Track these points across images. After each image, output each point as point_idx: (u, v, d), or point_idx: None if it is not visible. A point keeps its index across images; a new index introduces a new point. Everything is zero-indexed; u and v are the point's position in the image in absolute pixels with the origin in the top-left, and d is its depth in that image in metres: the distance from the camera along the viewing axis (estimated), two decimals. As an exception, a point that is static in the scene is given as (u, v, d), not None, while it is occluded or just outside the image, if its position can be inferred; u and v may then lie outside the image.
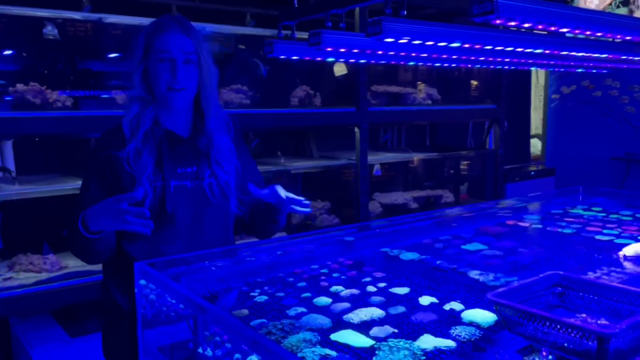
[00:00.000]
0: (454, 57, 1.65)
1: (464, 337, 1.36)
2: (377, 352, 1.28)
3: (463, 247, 2.15)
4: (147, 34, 1.55)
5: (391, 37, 1.21)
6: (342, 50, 1.51)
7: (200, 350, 1.49)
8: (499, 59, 1.84)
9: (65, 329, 2.82)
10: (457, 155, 4.98)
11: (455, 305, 1.55)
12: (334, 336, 1.37)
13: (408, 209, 4.30)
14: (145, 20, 3.11)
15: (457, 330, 1.39)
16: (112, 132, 1.57)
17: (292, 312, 1.53)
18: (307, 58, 1.72)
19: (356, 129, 3.77)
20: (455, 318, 1.48)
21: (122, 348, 1.65)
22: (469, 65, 2.00)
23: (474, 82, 5.03)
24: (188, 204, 1.57)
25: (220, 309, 1.38)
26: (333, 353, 1.28)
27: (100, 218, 1.44)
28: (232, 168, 1.65)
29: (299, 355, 1.26)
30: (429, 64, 1.91)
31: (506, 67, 2.11)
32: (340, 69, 3.89)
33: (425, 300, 1.60)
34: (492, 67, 2.04)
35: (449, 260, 1.98)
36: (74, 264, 2.94)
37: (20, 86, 2.71)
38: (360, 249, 2.18)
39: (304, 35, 1.64)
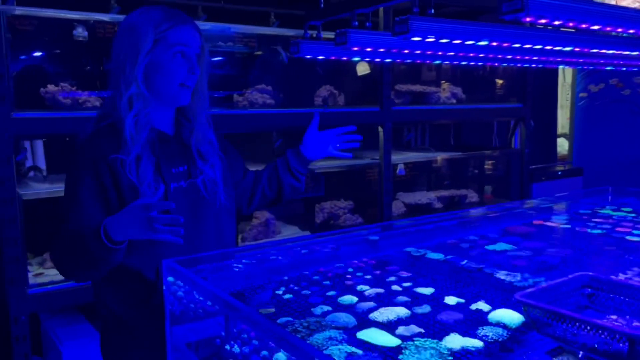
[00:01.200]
0: (481, 55, 1.64)
1: (491, 338, 1.35)
2: (403, 351, 1.28)
3: (489, 247, 2.13)
4: (156, 25, 1.40)
5: (418, 36, 1.21)
6: (369, 49, 1.51)
7: (227, 347, 1.51)
8: (527, 57, 1.82)
9: (93, 324, 2.88)
10: (482, 154, 4.93)
11: (482, 306, 1.54)
12: (360, 335, 1.38)
13: (432, 209, 4.27)
14: (172, 22, 3.17)
15: (484, 331, 1.38)
16: (101, 133, 1.42)
17: (317, 310, 1.54)
18: (334, 58, 1.73)
19: (380, 129, 3.77)
20: (482, 318, 1.47)
21: (120, 351, 1.57)
22: (497, 64, 1.98)
23: (499, 81, 4.98)
24: (185, 203, 1.49)
25: (248, 307, 1.39)
26: (359, 351, 1.29)
27: (126, 227, 1.32)
28: (217, 161, 1.58)
29: (326, 352, 1.27)
30: (455, 62, 1.90)
31: (533, 66, 2.08)
32: (363, 69, 3.88)
33: (451, 300, 1.60)
34: (519, 65, 2.02)
35: (475, 260, 1.97)
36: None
37: (51, 87, 2.77)
38: (385, 249, 2.18)
39: (330, 35, 1.65)
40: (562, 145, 6.51)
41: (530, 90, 4.71)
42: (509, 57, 1.78)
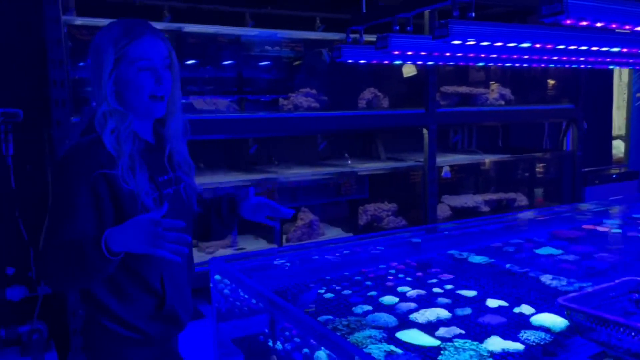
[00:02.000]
0: (526, 57, 1.62)
1: (533, 341, 1.34)
2: (442, 352, 1.29)
3: (535, 251, 2.10)
4: (115, 42, 1.38)
5: (458, 39, 1.21)
6: (410, 53, 1.52)
7: (270, 343, 1.56)
8: (574, 58, 1.78)
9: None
10: (532, 157, 4.81)
11: (525, 309, 1.53)
12: (400, 334, 1.40)
13: (479, 213, 4.20)
14: (222, 29, 3.27)
15: (527, 334, 1.37)
16: (89, 147, 1.39)
17: (358, 309, 1.56)
18: (375, 61, 1.75)
19: (424, 131, 3.75)
20: (524, 322, 1.46)
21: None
22: (542, 65, 1.95)
23: (551, 82, 4.85)
24: (173, 210, 1.45)
25: (290, 305, 1.43)
26: (398, 350, 1.31)
27: (128, 239, 1.28)
28: (192, 171, 1.60)
29: (365, 351, 1.29)
30: (499, 64, 1.88)
31: (582, 66, 2.04)
32: (409, 71, 3.87)
33: (494, 303, 1.59)
34: (566, 66, 1.98)
35: (520, 264, 1.94)
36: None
37: (107, 93, 2.91)
38: (427, 251, 2.18)
39: (372, 38, 1.67)
40: (618, 148, 6.26)
41: (583, 90, 4.56)
42: (555, 58, 1.75)
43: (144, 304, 1.46)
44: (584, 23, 1.02)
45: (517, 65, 1.90)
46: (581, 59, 1.80)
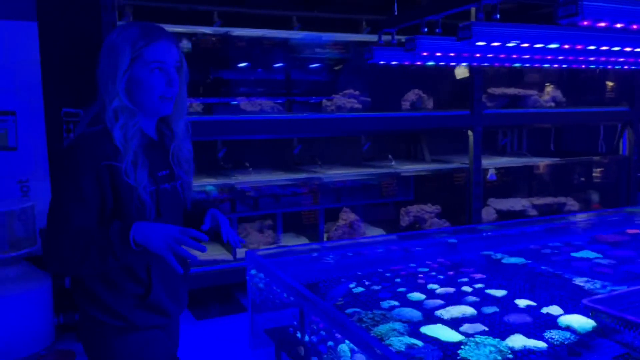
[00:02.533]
0: (560, 57, 1.61)
1: (557, 341, 1.34)
2: (462, 346, 1.31)
3: (573, 254, 2.07)
4: (133, 43, 1.46)
5: (482, 41, 1.24)
6: (438, 54, 1.55)
7: (298, 335, 1.62)
8: (612, 59, 1.75)
9: (191, 311, 3.13)
10: (584, 160, 4.67)
11: (554, 310, 1.52)
12: (424, 329, 1.43)
13: (526, 217, 4.13)
14: (268, 32, 3.37)
15: (551, 334, 1.37)
16: (97, 138, 1.45)
17: (385, 304, 1.60)
18: (407, 63, 1.78)
19: (470, 132, 3.72)
20: (551, 322, 1.46)
21: (107, 349, 1.54)
22: (574, 66, 1.93)
23: (610, 84, 4.69)
24: (170, 205, 1.55)
25: (318, 298, 1.48)
26: (420, 343, 1.34)
27: (151, 234, 1.36)
28: (191, 169, 1.66)
29: (387, 342, 1.33)
30: (526, 65, 1.87)
31: (616, 67, 1.99)
32: (461, 72, 3.84)
33: (522, 302, 1.59)
34: (599, 67, 1.93)
35: (555, 266, 1.92)
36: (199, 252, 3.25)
37: (159, 94, 3.07)
38: (463, 252, 2.19)
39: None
40: (681, 152, 5.96)
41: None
42: (592, 58, 1.73)
43: (129, 292, 1.49)
44: (603, 24, 1.03)
45: (546, 65, 1.89)
46: (620, 59, 1.77)
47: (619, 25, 1.05)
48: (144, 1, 3.17)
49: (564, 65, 1.93)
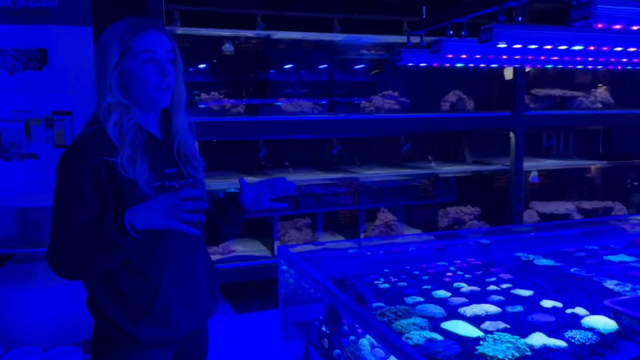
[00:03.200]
0: (590, 59, 1.60)
1: (578, 341, 1.34)
2: (481, 342, 1.34)
3: (607, 257, 2.04)
4: (120, 37, 1.42)
5: (504, 43, 1.26)
6: (463, 56, 1.58)
7: (323, 328, 1.68)
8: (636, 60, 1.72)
9: (231, 305, 3.24)
10: (635, 164, 4.52)
11: (579, 311, 1.52)
12: (445, 324, 1.46)
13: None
14: (308, 35, 3.45)
15: (573, 333, 1.38)
16: (93, 137, 1.43)
17: (409, 300, 1.64)
18: (436, 64, 1.81)
19: (511, 134, 3.68)
20: (574, 323, 1.46)
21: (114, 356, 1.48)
22: (599, 67, 1.90)
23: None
24: None
25: (341, 293, 1.53)
26: (439, 337, 1.37)
27: (148, 214, 1.31)
28: (201, 167, 1.57)
29: (406, 336, 1.37)
30: (549, 66, 1.85)
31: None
32: (510, 73, 3.78)
33: (548, 303, 1.59)
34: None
35: (587, 269, 1.90)
36: (241, 248, 3.36)
37: (204, 96, 3.20)
38: (494, 252, 2.19)
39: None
40: None
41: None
42: (602, 59, 1.70)
43: (135, 298, 1.41)
44: (618, 26, 1.03)
45: (570, 67, 1.87)
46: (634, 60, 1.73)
47: (635, 28, 1.05)
48: (190, 6, 3.31)
49: (598, 67, 1.91)
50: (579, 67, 1.90)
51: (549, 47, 1.30)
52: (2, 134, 3.37)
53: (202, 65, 3.35)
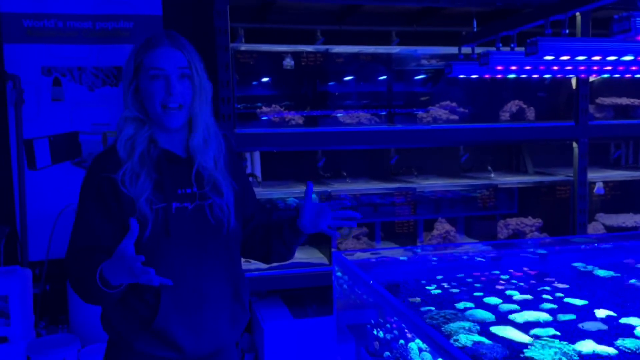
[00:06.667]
0: (620, 67, 1.58)
1: (629, 349, 1.34)
2: (529, 346, 1.36)
3: (670, 269, 1.99)
4: (136, 52, 1.45)
5: (549, 55, 1.29)
6: (513, 67, 1.61)
7: (375, 332, 1.74)
8: None
9: (290, 310, 3.34)
10: None
11: (634, 321, 1.51)
12: (494, 329, 1.48)
13: None
14: (365, 48, 3.53)
15: (624, 342, 1.37)
16: (105, 155, 1.45)
17: (460, 305, 1.67)
18: (488, 76, 1.84)
19: (574, 144, 3.60)
20: (627, 332, 1.45)
21: None
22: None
23: None
24: (189, 226, 1.43)
25: (392, 296, 1.59)
26: (487, 341, 1.40)
27: (117, 274, 1.29)
28: (229, 187, 1.51)
29: (454, 338, 1.41)
30: (605, 75, 1.83)
31: None
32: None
33: (602, 312, 1.58)
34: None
35: (647, 280, 1.87)
36: (300, 255, 3.47)
37: (265, 108, 3.35)
38: (551, 262, 2.18)
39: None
40: None
41: None
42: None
43: (136, 312, 1.42)
44: (660, 37, 1.05)
45: (628, 76, 1.84)
46: None
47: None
48: (253, 23, 3.48)
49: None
50: (637, 76, 1.88)
51: (597, 58, 1.32)
52: (82, 145, 3.66)
53: (264, 79, 3.51)
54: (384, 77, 3.62)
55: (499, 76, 1.90)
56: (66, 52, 3.58)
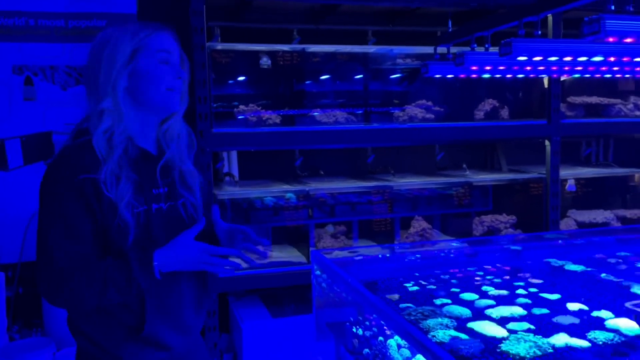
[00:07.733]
0: (616, 68, 1.63)
1: (600, 341, 1.38)
2: (504, 341, 1.39)
3: (639, 264, 2.05)
4: (133, 34, 1.32)
5: (523, 56, 1.32)
6: (487, 67, 1.64)
7: (354, 329, 1.76)
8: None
9: (268, 309, 3.34)
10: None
11: (604, 314, 1.55)
12: (470, 324, 1.51)
13: (610, 229, 3.98)
14: (341, 47, 3.55)
15: (595, 334, 1.41)
16: (80, 151, 1.31)
17: (437, 301, 1.70)
18: (463, 76, 1.88)
19: (547, 142, 3.68)
20: (598, 324, 1.49)
21: None
22: (627, 76, 1.92)
23: None
24: (166, 227, 1.38)
25: (370, 294, 1.61)
26: (464, 336, 1.43)
27: (177, 262, 1.30)
28: (198, 186, 1.48)
29: (432, 334, 1.44)
30: (576, 75, 1.88)
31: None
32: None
33: (574, 306, 1.63)
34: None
35: (617, 274, 1.92)
36: (278, 254, 3.47)
37: (242, 107, 3.34)
38: (525, 258, 2.22)
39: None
40: None
41: None
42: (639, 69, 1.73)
43: (120, 320, 1.35)
44: (629, 40, 1.08)
45: (598, 76, 1.90)
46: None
47: (647, 40, 1.10)
48: (229, 22, 3.47)
49: (626, 76, 1.94)
50: (607, 76, 1.94)
51: (568, 58, 1.36)
52: (56, 145, 3.59)
53: (240, 78, 3.50)
54: (361, 76, 3.64)
55: (474, 76, 1.93)
56: (38, 50, 3.52)
